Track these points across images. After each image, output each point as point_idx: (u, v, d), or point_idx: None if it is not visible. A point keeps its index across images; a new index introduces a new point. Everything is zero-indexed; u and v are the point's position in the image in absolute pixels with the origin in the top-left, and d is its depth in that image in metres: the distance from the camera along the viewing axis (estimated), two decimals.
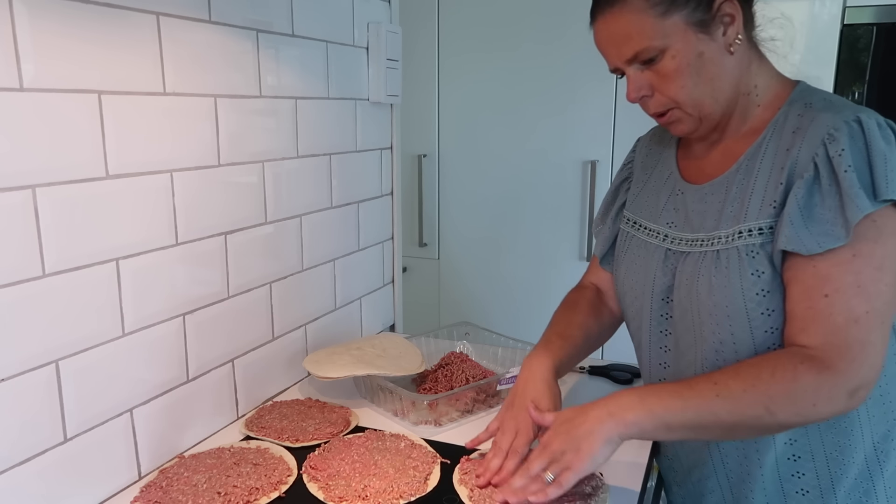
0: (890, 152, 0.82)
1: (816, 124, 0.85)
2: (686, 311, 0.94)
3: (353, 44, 1.44)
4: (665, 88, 0.90)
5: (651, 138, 1.12)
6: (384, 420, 1.18)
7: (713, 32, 0.88)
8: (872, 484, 0.91)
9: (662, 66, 0.89)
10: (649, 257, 1.01)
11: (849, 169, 0.81)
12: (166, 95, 0.98)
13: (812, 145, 0.84)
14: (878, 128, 0.82)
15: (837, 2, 1.96)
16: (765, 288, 0.86)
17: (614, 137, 2.20)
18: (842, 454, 0.90)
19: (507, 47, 2.28)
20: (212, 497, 0.92)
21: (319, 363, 1.22)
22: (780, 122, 0.90)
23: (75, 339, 0.87)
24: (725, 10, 0.88)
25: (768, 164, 0.89)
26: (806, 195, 0.83)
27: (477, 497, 0.93)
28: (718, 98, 0.91)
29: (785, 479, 0.93)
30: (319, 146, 1.35)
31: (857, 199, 0.79)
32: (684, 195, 0.99)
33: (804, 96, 0.91)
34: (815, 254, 0.82)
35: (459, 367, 1.29)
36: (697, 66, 0.89)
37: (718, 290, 0.89)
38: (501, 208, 2.39)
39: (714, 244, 0.91)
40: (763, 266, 0.86)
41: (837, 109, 0.86)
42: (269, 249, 1.24)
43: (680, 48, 0.88)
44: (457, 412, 1.19)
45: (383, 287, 1.66)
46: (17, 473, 0.82)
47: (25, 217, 0.80)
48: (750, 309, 0.87)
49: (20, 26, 0.77)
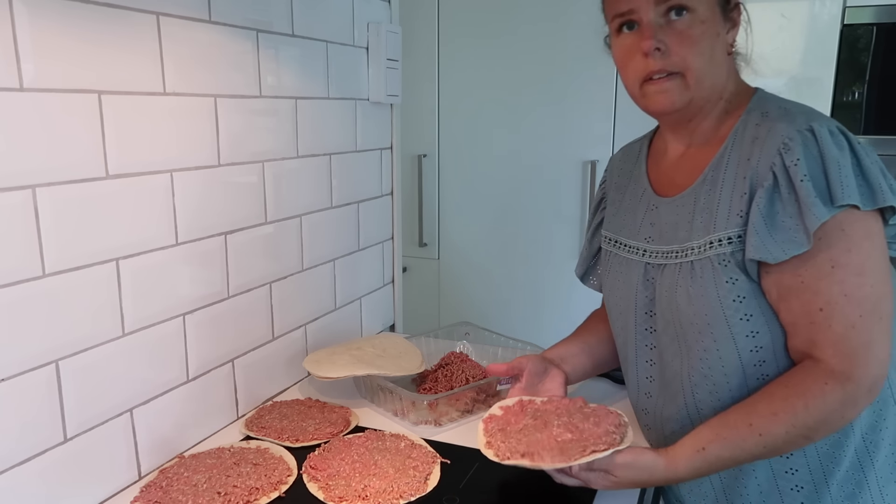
0: (843, 158, 0.84)
1: (772, 134, 0.88)
2: (668, 323, 0.96)
3: (353, 44, 1.44)
4: (682, 49, 0.89)
5: (622, 157, 1.15)
6: (384, 420, 1.18)
7: (725, 24, 0.93)
8: (864, 475, 0.92)
9: (689, 27, 0.89)
10: (630, 273, 1.03)
11: (804, 178, 0.83)
12: (166, 95, 0.98)
13: (769, 155, 0.87)
14: (830, 135, 0.85)
15: (837, 2, 1.96)
16: (741, 294, 0.89)
17: (614, 137, 2.20)
18: (832, 448, 0.92)
19: (508, 47, 2.28)
20: (212, 497, 0.92)
21: (319, 363, 1.22)
22: (740, 131, 0.93)
23: (75, 339, 0.88)
24: (735, 14, 0.93)
25: (732, 173, 0.91)
26: (767, 204, 0.86)
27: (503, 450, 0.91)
28: (715, 84, 0.93)
29: (779, 475, 0.94)
30: (319, 146, 1.35)
31: (814, 208, 0.82)
32: (658, 209, 1.01)
33: (761, 105, 0.94)
34: (797, 265, 0.85)
35: (459, 367, 1.29)
36: (713, 44, 0.91)
37: (697, 300, 0.91)
38: (501, 208, 2.39)
39: (688, 255, 0.93)
40: (736, 273, 0.89)
41: (792, 118, 0.89)
42: (269, 249, 1.24)
43: (709, 17, 0.90)
44: (457, 412, 1.19)
45: (383, 287, 1.66)
46: (17, 473, 0.82)
47: (25, 217, 0.80)
48: (729, 315, 0.89)
49: (20, 26, 0.77)
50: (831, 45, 1.98)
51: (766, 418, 0.86)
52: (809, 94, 2.02)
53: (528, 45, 2.25)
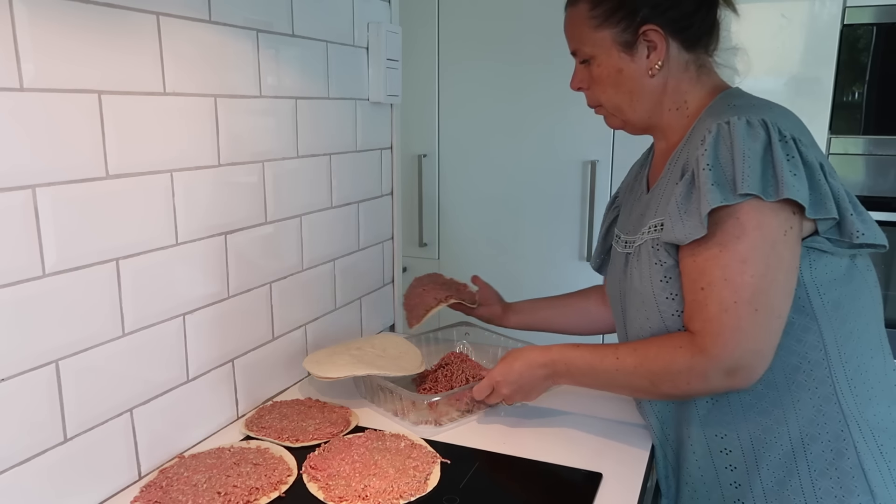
0: (752, 150, 0.88)
1: (701, 128, 0.95)
2: (627, 304, 1.06)
3: (353, 44, 1.44)
4: (594, 88, 1.05)
5: (639, 160, 1.23)
6: (384, 420, 1.18)
7: (636, 54, 1.00)
8: (795, 464, 0.95)
9: (592, 70, 1.03)
10: (616, 264, 1.12)
11: (706, 167, 0.89)
12: (166, 95, 0.98)
13: (694, 147, 0.94)
14: (746, 127, 0.89)
15: (837, 2, 1.96)
16: (667, 275, 0.97)
17: (614, 137, 2.20)
18: (765, 434, 0.96)
19: (508, 47, 2.28)
20: (212, 497, 0.92)
21: (319, 363, 1.22)
22: (695, 129, 0.99)
23: (75, 339, 0.88)
24: (650, 38, 0.99)
25: (678, 167, 0.98)
26: (685, 192, 0.92)
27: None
28: (637, 109, 1.03)
29: (714, 453, 1.00)
30: (319, 146, 1.35)
31: (709, 195, 0.88)
32: (641, 204, 1.10)
33: (717, 103, 0.99)
34: (694, 246, 0.91)
35: (459, 367, 1.29)
36: (617, 80, 1.02)
37: (636, 280, 1.02)
38: (501, 208, 2.39)
39: (638, 241, 1.03)
40: (664, 257, 0.97)
41: (726, 112, 0.93)
42: (269, 249, 1.24)
43: (604, 60, 1.01)
44: (457, 412, 1.19)
45: (383, 287, 1.66)
46: (17, 473, 0.82)
47: (25, 217, 0.80)
48: (657, 294, 0.98)
49: (20, 26, 0.77)
50: (831, 45, 1.98)
51: (627, 348, 1.00)
52: (809, 94, 2.02)
53: (528, 45, 2.25)
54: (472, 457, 1.05)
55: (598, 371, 1.02)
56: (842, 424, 0.94)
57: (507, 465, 1.04)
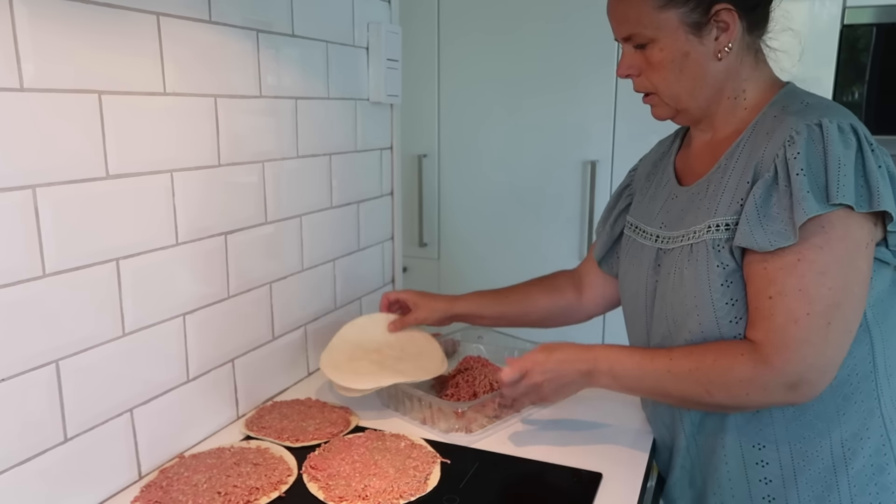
0: (846, 157, 0.83)
1: (783, 127, 0.88)
2: (665, 304, 0.99)
3: (353, 44, 1.44)
4: (649, 74, 0.96)
5: (655, 149, 1.19)
6: (412, 427, 1.15)
7: (704, 36, 0.92)
8: (836, 479, 0.92)
9: (651, 55, 0.94)
10: (644, 258, 1.05)
11: (801, 172, 0.83)
12: (166, 95, 0.98)
13: (775, 147, 0.88)
14: (838, 132, 0.84)
15: (837, 2, 1.96)
16: (728, 279, 0.90)
17: (614, 137, 2.20)
18: (806, 446, 0.92)
19: (508, 47, 2.28)
20: (212, 497, 0.92)
21: (340, 370, 1.18)
22: (759, 123, 0.93)
23: (75, 339, 0.88)
24: (722, 18, 0.91)
25: (742, 163, 0.92)
26: (764, 195, 0.87)
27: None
28: (697, 97, 0.96)
29: (749, 465, 0.95)
30: (319, 146, 1.35)
31: (804, 202, 0.82)
32: (677, 198, 1.03)
33: (784, 99, 0.94)
34: (767, 253, 0.86)
35: (481, 372, 1.25)
36: (681, 64, 0.94)
37: (689, 281, 0.94)
38: (501, 208, 2.39)
39: (690, 238, 0.96)
40: (727, 259, 0.90)
41: (808, 112, 0.88)
42: (269, 249, 1.24)
43: (668, 43, 0.93)
44: (485, 418, 1.16)
45: (383, 287, 1.66)
46: (17, 473, 0.82)
47: (25, 217, 0.80)
48: (715, 299, 0.91)
49: (20, 26, 0.77)
50: (831, 45, 1.98)
51: (681, 351, 0.93)
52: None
53: (529, 45, 2.25)
54: (472, 457, 1.05)
55: (646, 372, 0.94)
56: (884, 439, 0.91)
57: (507, 465, 1.04)
